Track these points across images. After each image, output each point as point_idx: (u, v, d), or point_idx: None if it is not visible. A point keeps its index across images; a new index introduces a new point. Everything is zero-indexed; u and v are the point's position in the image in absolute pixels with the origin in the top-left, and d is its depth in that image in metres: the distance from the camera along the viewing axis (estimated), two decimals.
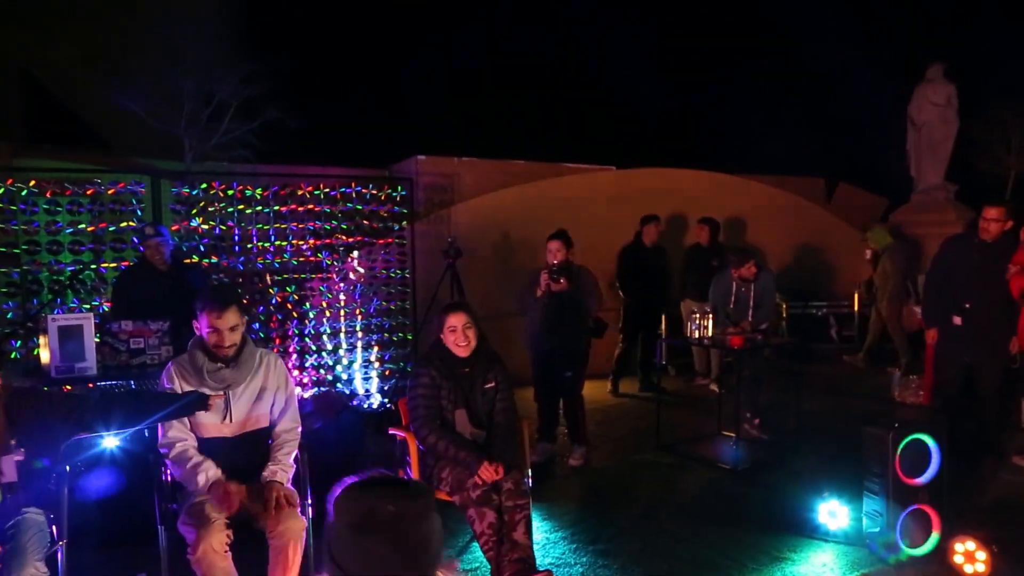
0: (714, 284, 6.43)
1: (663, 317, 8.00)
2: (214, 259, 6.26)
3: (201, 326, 3.31)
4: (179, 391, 3.25)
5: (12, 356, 5.28)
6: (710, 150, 13.79)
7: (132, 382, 4.67)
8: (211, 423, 3.32)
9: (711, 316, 5.91)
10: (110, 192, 5.88)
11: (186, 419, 3.26)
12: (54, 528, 3.05)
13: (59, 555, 2.99)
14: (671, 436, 6.08)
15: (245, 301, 6.24)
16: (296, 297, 6.68)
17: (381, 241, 7.07)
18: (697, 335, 5.83)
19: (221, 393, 3.29)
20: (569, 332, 5.42)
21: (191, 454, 3.21)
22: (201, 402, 3.15)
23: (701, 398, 7.53)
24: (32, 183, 5.64)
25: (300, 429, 3.51)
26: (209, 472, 3.15)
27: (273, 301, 6.54)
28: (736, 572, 3.76)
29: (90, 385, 4.20)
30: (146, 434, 3.59)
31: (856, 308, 9.84)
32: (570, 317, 5.37)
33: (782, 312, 9.33)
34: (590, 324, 5.54)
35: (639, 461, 5.65)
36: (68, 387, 4.88)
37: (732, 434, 5.46)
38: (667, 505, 4.75)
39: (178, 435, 3.24)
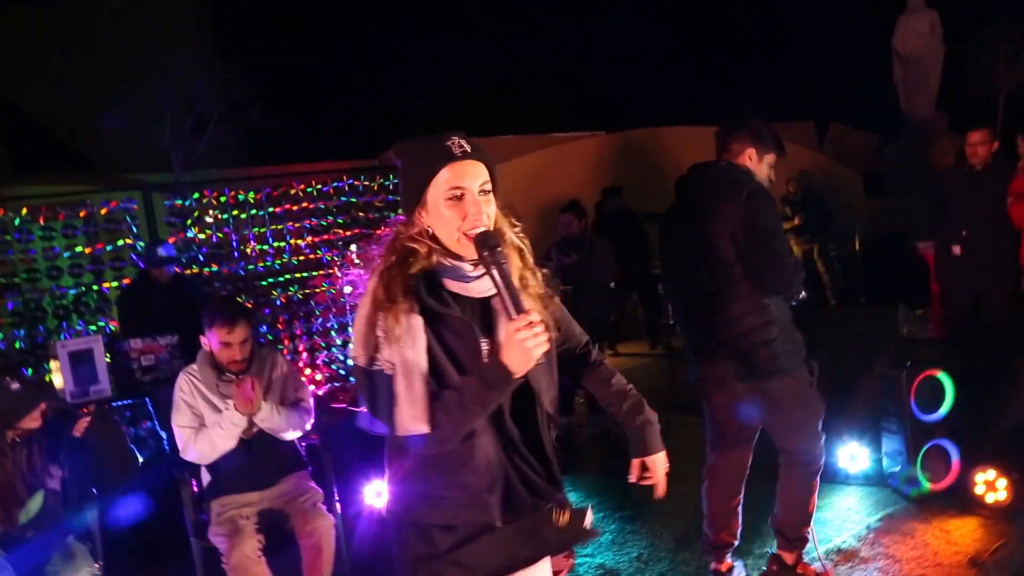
0: None
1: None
2: (214, 267, 6.27)
3: (212, 341, 3.31)
4: (194, 403, 3.29)
5: None
6: (694, 105, 13.68)
7: (148, 399, 4.71)
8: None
9: None
10: (103, 212, 5.87)
11: (194, 421, 3.29)
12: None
13: None
14: (686, 396, 6.09)
15: (249, 305, 6.26)
16: (300, 296, 6.69)
17: (379, 231, 7.06)
18: None
19: None
20: (584, 306, 5.42)
21: (202, 430, 3.26)
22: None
23: None
24: (24, 211, 5.63)
25: (312, 420, 3.53)
26: (225, 411, 3.20)
27: (278, 302, 6.55)
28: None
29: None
30: (167, 449, 3.64)
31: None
32: (583, 290, 5.37)
33: None
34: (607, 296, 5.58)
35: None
36: (86, 410, 4.92)
37: None
38: (691, 465, 4.75)
39: (187, 437, 3.27)
